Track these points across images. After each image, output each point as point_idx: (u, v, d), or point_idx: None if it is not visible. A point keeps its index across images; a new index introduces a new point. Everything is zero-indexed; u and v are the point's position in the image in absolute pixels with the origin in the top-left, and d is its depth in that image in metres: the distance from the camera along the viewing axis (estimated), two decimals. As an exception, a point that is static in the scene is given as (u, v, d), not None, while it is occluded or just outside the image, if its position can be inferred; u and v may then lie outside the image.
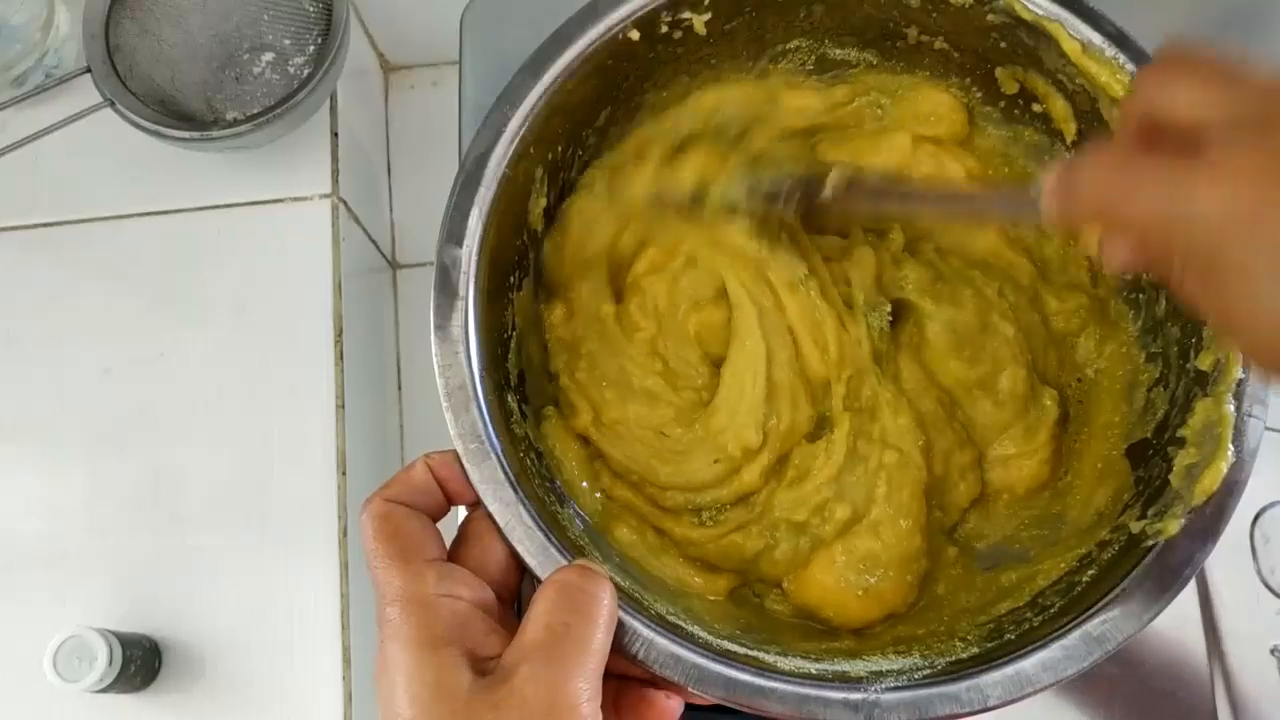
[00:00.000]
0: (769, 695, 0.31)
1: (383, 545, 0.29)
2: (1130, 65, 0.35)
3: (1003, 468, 0.39)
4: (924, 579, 0.38)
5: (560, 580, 0.29)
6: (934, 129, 0.42)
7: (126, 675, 0.43)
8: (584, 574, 0.29)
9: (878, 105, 0.42)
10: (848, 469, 0.38)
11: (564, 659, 0.27)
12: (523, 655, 0.27)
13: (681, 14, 0.38)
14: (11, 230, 0.52)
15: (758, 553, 0.38)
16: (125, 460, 0.49)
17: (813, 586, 0.37)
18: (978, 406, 0.40)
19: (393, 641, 0.28)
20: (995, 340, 0.40)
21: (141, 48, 0.48)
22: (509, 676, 0.27)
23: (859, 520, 0.37)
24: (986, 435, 0.40)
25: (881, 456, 0.37)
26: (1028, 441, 0.39)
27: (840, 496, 0.37)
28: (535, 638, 0.27)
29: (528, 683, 0.26)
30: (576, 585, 0.29)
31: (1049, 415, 0.39)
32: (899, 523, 0.37)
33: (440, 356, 0.33)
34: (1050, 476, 0.39)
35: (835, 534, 0.37)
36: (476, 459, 0.32)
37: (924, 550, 0.37)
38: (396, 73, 0.67)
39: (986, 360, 0.39)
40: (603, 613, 0.29)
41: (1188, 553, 0.32)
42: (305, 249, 0.51)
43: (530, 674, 0.26)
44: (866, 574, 0.37)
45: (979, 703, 0.31)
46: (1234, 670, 0.41)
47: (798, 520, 0.37)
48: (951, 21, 0.38)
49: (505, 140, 0.35)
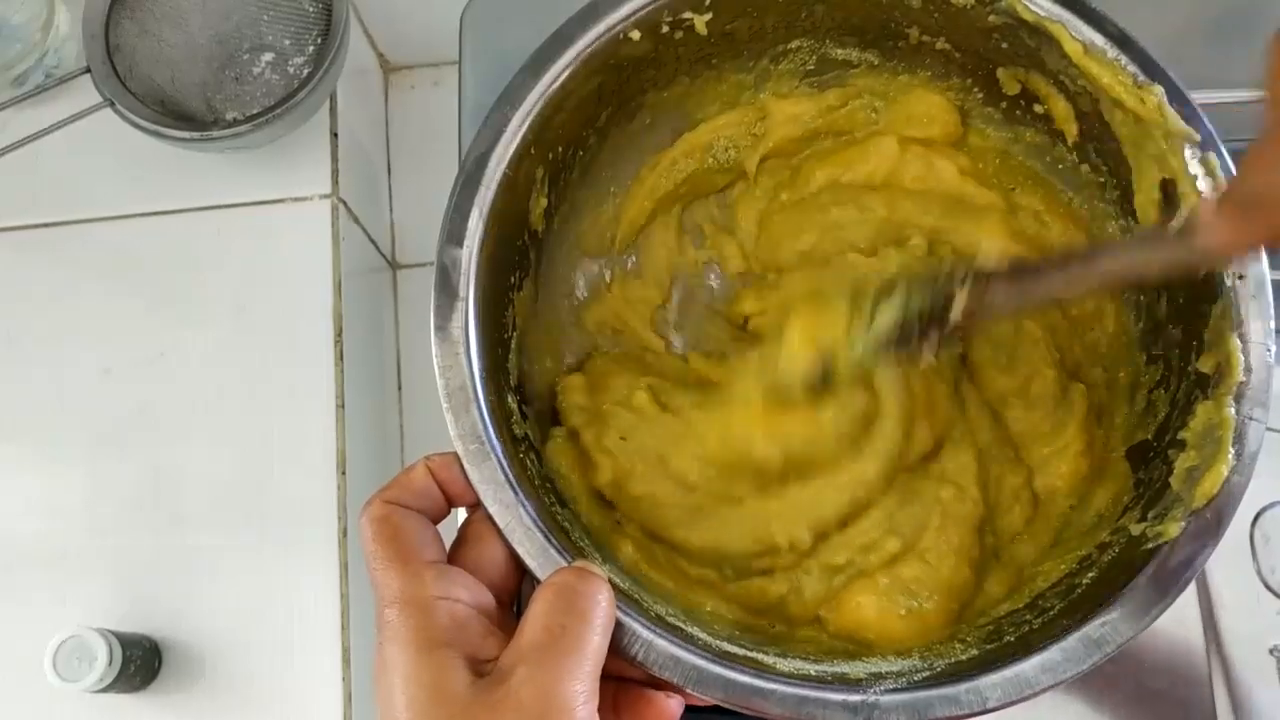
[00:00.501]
0: (768, 697, 0.31)
1: (382, 547, 0.29)
2: (1132, 67, 0.35)
3: (1042, 473, 0.38)
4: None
5: (557, 583, 0.29)
6: (926, 130, 0.41)
7: (126, 675, 0.43)
8: (581, 576, 0.29)
9: (871, 109, 0.42)
10: (900, 506, 0.36)
11: (560, 661, 0.27)
12: (519, 657, 0.27)
13: (683, 14, 0.38)
14: (11, 230, 0.52)
15: (782, 596, 0.36)
16: (125, 460, 0.49)
17: (852, 610, 0.35)
18: (1012, 414, 0.39)
19: (391, 643, 0.28)
20: (1026, 343, 0.39)
21: (141, 48, 0.48)
22: (505, 678, 0.27)
23: (908, 551, 0.36)
24: (1024, 443, 0.39)
25: (938, 492, 0.36)
26: (1059, 437, 0.38)
27: (891, 532, 0.36)
28: (532, 640, 0.28)
29: (524, 685, 0.26)
30: (573, 588, 0.29)
31: (1078, 410, 0.38)
32: (949, 556, 0.36)
33: (440, 357, 0.33)
34: (1090, 469, 0.38)
35: (879, 566, 0.35)
36: (476, 460, 0.32)
37: (972, 582, 0.36)
38: (396, 73, 0.67)
39: (1022, 366, 0.39)
40: (599, 615, 0.29)
41: (1188, 555, 0.32)
42: (305, 249, 0.51)
43: (526, 676, 0.26)
44: (911, 598, 0.35)
45: (978, 705, 0.31)
46: (1234, 670, 0.41)
47: (836, 563, 0.36)
48: (953, 22, 0.38)
49: (505, 140, 0.35)
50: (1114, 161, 0.38)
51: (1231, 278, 0.34)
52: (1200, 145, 0.34)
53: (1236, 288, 0.33)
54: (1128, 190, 0.37)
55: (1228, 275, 0.34)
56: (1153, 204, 0.36)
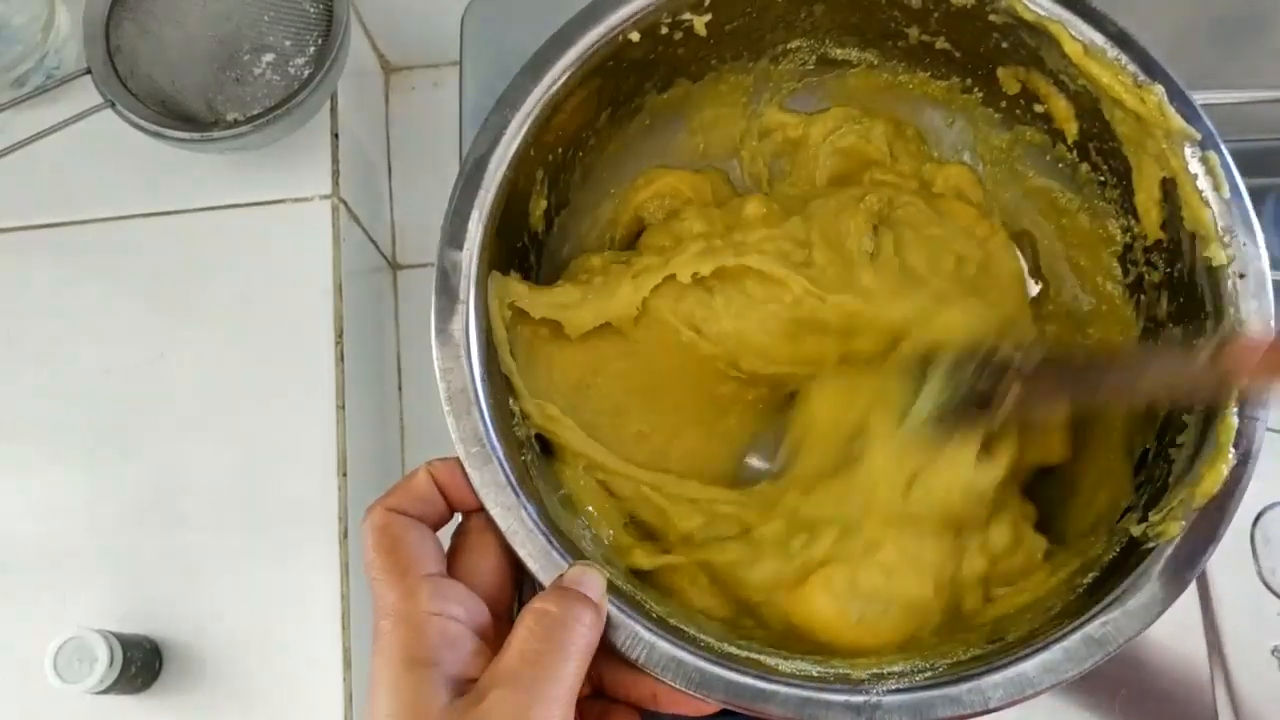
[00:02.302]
0: (770, 698, 0.31)
1: (381, 558, 0.30)
2: (1132, 66, 0.35)
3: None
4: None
5: (538, 609, 0.29)
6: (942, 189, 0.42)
7: (127, 676, 0.43)
8: (562, 602, 0.29)
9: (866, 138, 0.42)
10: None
11: (533, 686, 0.27)
12: (495, 680, 0.28)
13: (682, 15, 0.38)
14: (12, 231, 0.52)
15: (733, 564, 0.36)
16: (126, 460, 0.49)
17: (806, 602, 0.35)
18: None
19: (379, 655, 0.28)
20: None
21: (142, 49, 0.48)
22: (479, 701, 0.27)
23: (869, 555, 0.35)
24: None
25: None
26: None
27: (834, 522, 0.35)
28: (509, 664, 0.28)
29: (495, 709, 0.27)
30: (553, 616, 0.29)
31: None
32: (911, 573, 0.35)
33: (441, 360, 0.33)
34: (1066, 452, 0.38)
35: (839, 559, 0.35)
36: (478, 463, 0.32)
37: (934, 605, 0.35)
38: (397, 74, 0.67)
39: None
40: (576, 642, 0.29)
41: (1189, 555, 0.32)
42: (305, 250, 0.51)
43: (499, 699, 0.27)
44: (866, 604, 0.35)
45: (980, 704, 0.31)
46: (1234, 671, 0.41)
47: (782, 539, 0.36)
48: (953, 22, 0.38)
49: (505, 142, 0.35)
50: (1114, 160, 0.38)
51: (1232, 277, 0.34)
52: (1200, 144, 0.34)
53: (1237, 287, 0.34)
54: (1128, 189, 0.37)
55: (1228, 274, 0.34)
56: (1154, 203, 0.36)
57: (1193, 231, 0.35)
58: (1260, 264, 0.34)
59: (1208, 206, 0.34)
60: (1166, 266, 0.37)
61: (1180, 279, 0.36)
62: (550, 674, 0.28)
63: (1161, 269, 0.37)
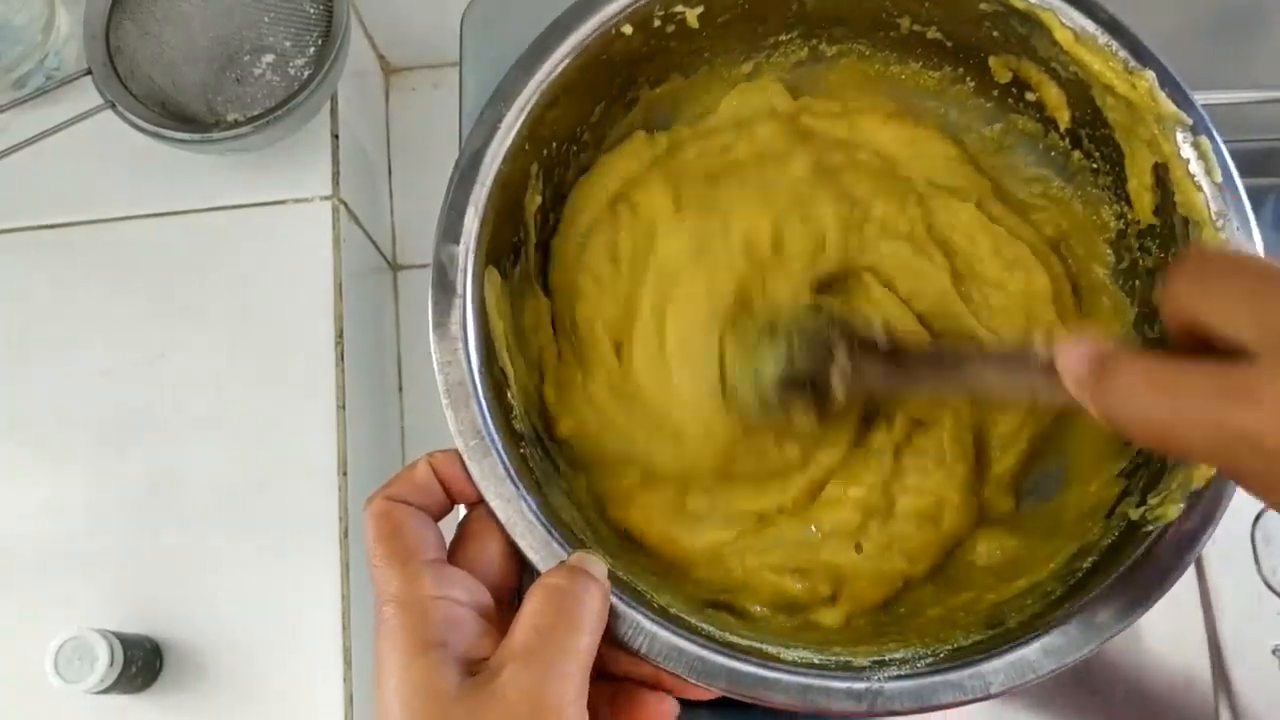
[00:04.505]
0: (772, 686, 0.30)
1: (382, 544, 0.29)
2: (1123, 52, 0.35)
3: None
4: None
5: (547, 584, 0.29)
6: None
7: (128, 676, 0.43)
8: (571, 577, 0.29)
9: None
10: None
11: (547, 662, 0.27)
12: (508, 657, 0.27)
13: (674, 7, 0.38)
14: (12, 231, 0.52)
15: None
16: (126, 460, 0.49)
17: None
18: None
19: (386, 641, 0.28)
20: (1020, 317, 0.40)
21: (142, 49, 0.48)
22: (494, 678, 0.27)
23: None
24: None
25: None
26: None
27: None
28: (521, 640, 0.28)
29: (510, 685, 0.26)
30: (563, 589, 0.29)
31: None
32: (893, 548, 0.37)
33: (439, 354, 0.33)
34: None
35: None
36: (477, 455, 0.32)
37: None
38: (397, 74, 0.67)
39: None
40: (587, 616, 0.29)
41: (1187, 538, 0.32)
42: (306, 250, 0.52)
43: (513, 676, 0.27)
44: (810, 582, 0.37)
45: (981, 690, 0.31)
46: (1234, 671, 0.41)
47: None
48: (944, 11, 0.38)
49: (500, 137, 0.36)
50: (1106, 147, 0.38)
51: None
52: (1192, 129, 0.34)
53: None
54: (1121, 176, 0.37)
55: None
56: (1146, 189, 0.36)
57: (1186, 216, 0.35)
58: (1254, 247, 0.34)
59: (1200, 191, 0.34)
60: (1160, 251, 0.37)
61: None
62: (564, 646, 0.28)
63: (1155, 254, 0.37)
